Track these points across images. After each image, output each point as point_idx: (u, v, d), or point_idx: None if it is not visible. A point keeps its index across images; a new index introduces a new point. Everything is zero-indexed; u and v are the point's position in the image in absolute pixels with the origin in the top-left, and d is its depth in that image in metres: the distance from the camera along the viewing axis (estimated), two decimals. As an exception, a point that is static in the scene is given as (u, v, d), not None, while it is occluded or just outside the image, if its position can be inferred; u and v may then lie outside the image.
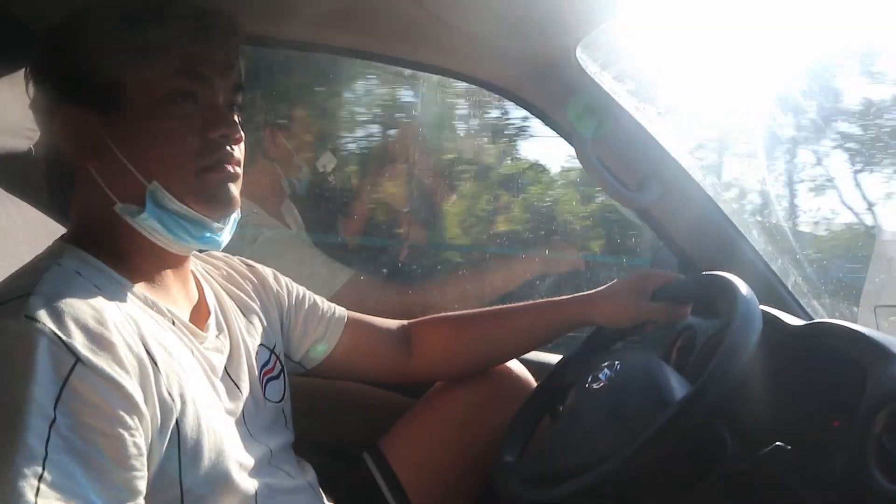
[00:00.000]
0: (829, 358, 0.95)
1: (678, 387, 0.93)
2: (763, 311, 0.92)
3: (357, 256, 2.36)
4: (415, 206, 2.58)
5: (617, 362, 1.02)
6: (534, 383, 1.27)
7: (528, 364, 1.31)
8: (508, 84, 1.32)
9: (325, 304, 1.19)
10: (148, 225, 0.83)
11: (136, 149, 0.82)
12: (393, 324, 1.24)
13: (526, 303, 1.25)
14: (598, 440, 0.92)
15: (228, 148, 0.86)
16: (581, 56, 1.22)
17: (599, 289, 1.20)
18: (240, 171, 0.88)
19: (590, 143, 1.27)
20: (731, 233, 1.31)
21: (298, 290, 1.17)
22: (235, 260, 1.12)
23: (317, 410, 1.21)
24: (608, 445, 0.87)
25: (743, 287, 0.95)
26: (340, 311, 1.19)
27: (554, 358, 1.44)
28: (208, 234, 0.87)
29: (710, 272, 1.06)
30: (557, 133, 1.34)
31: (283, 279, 1.16)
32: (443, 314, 1.28)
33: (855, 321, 0.98)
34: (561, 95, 1.28)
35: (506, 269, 2.12)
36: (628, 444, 0.83)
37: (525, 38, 1.20)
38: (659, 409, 0.86)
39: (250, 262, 1.15)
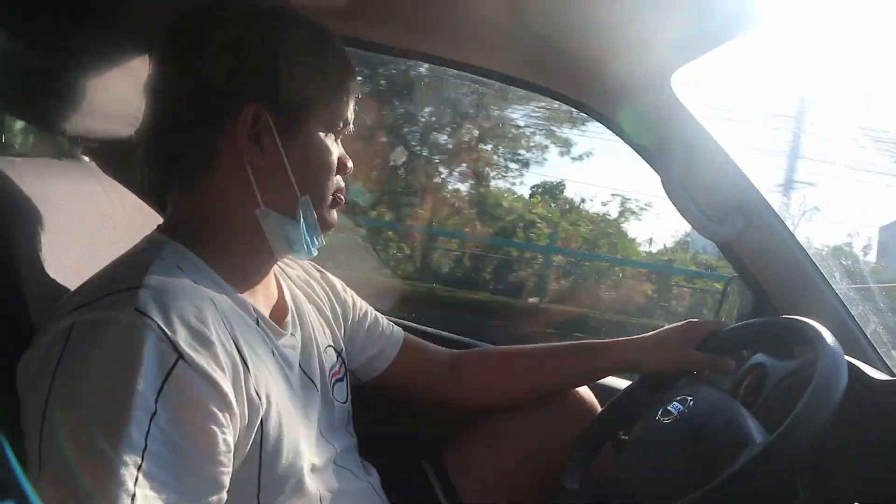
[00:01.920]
0: None
1: (755, 429, 0.92)
2: (847, 361, 0.90)
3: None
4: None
5: (689, 398, 1.01)
6: (598, 407, 1.26)
7: (592, 387, 1.30)
8: (600, 105, 1.32)
9: (384, 321, 1.23)
10: (289, 233, 0.88)
11: (299, 163, 0.87)
12: (444, 351, 1.28)
13: (574, 343, 1.28)
14: (670, 476, 0.91)
15: (343, 177, 0.96)
16: (675, 83, 1.22)
17: (647, 334, 1.22)
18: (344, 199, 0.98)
19: (676, 171, 1.26)
20: (811, 273, 1.28)
21: (362, 303, 1.21)
22: (308, 264, 1.15)
23: (380, 415, 1.23)
24: (680, 482, 0.86)
25: (828, 336, 0.93)
26: (398, 331, 1.23)
27: (619, 382, 1.44)
28: (315, 247, 0.93)
29: (792, 317, 1.04)
30: (643, 158, 1.33)
31: (350, 291, 1.20)
32: (494, 347, 1.33)
33: None
34: (652, 122, 1.27)
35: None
36: (701, 483, 0.82)
37: (622, 61, 1.19)
38: (738, 450, 0.85)
39: (321, 268, 1.18)
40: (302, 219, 0.88)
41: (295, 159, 0.87)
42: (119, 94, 1.05)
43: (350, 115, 0.94)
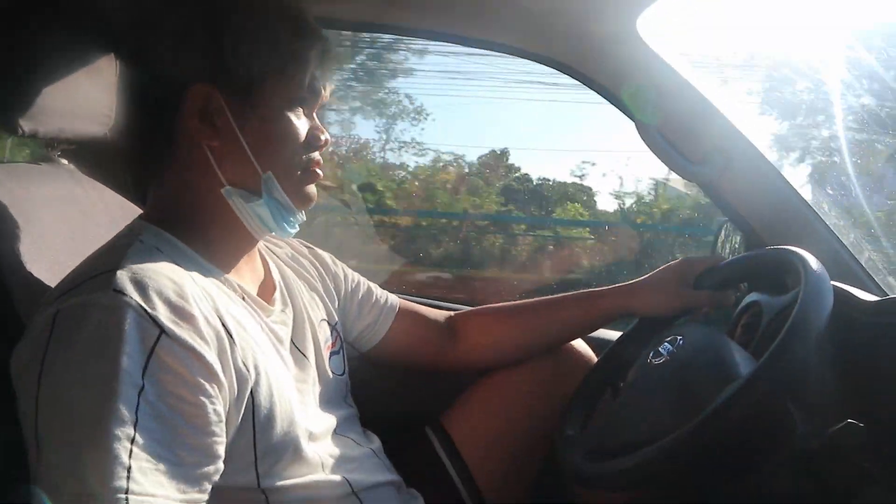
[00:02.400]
0: None
1: (743, 362, 0.92)
2: (834, 286, 0.89)
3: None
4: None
5: (679, 337, 1.01)
6: (594, 359, 1.27)
7: (588, 340, 1.31)
8: (569, 60, 1.31)
9: (378, 290, 1.23)
10: (257, 210, 0.88)
11: (258, 140, 0.87)
12: (441, 314, 1.28)
13: (567, 294, 1.27)
14: (661, 415, 0.91)
15: (320, 154, 0.94)
16: (642, 30, 1.20)
17: (641, 279, 1.22)
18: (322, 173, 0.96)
19: (650, 115, 1.25)
20: (798, 206, 1.28)
21: (354, 275, 1.21)
22: (296, 241, 1.16)
23: (379, 385, 1.24)
24: (671, 420, 0.87)
25: (812, 261, 0.93)
26: (393, 299, 1.23)
27: (613, 334, 1.43)
28: (292, 223, 0.93)
29: (776, 247, 1.04)
30: (618, 108, 1.32)
31: (340, 263, 1.21)
32: (487, 306, 1.31)
33: None
34: (622, 70, 1.26)
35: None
36: (691, 419, 0.82)
37: (585, 13, 1.18)
38: (724, 384, 0.85)
39: (308, 244, 1.19)
40: (267, 195, 0.88)
41: (253, 136, 0.87)
42: (90, 94, 1.06)
43: (318, 85, 0.93)
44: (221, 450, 0.74)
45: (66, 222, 0.99)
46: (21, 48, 0.96)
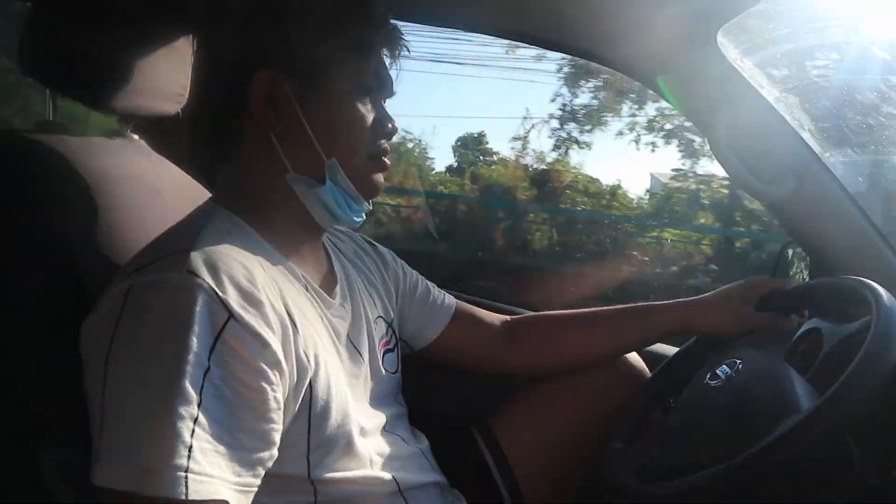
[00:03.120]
0: None
1: (804, 394, 0.90)
2: None
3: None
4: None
5: (738, 361, 0.99)
6: (647, 373, 1.25)
7: (643, 354, 1.29)
8: (646, 69, 1.29)
9: (436, 290, 1.23)
10: (322, 197, 0.89)
11: (323, 126, 0.88)
12: (498, 318, 1.27)
13: (626, 306, 1.25)
14: (714, 440, 0.90)
15: (387, 142, 0.94)
16: (722, 41, 1.18)
17: (703, 295, 1.20)
18: (388, 163, 0.96)
19: (724, 131, 1.22)
20: (871, 235, 1.24)
21: (413, 273, 1.22)
22: (359, 237, 1.17)
23: (429, 384, 1.24)
24: (725, 447, 0.85)
25: (885, 294, 0.90)
26: (450, 299, 1.23)
27: (668, 349, 1.42)
28: (358, 212, 0.93)
29: (848, 276, 1.01)
30: (691, 121, 1.30)
31: (400, 261, 1.21)
32: (547, 313, 1.31)
33: None
34: (699, 82, 1.23)
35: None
36: (746, 448, 0.81)
37: (665, 22, 1.16)
38: (783, 416, 0.83)
39: (372, 241, 1.20)
40: (330, 182, 0.89)
41: (318, 122, 0.87)
42: (165, 74, 1.08)
43: (384, 74, 0.93)
44: (278, 437, 0.75)
45: (136, 199, 1.01)
46: (103, 26, 0.98)
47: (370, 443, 0.95)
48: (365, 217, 0.96)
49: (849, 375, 0.79)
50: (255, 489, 0.73)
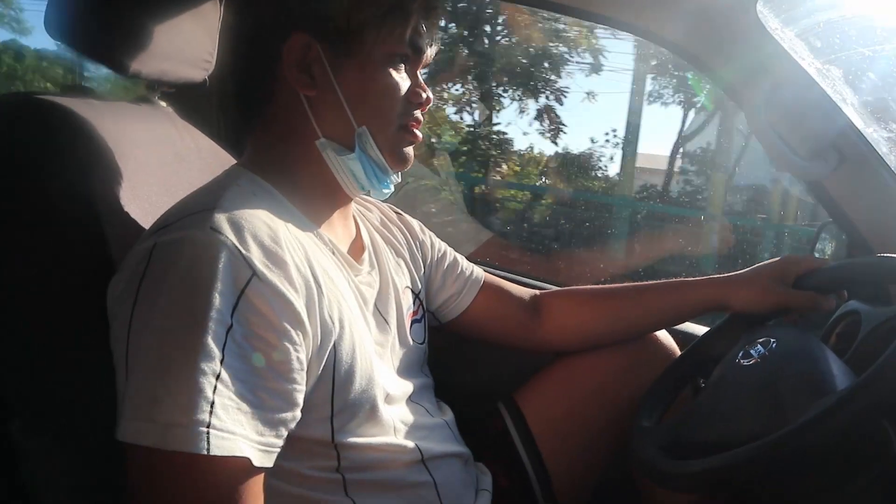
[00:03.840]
0: None
1: (840, 375, 0.87)
2: None
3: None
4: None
5: (773, 340, 0.96)
6: (678, 352, 1.23)
7: (673, 332, 1.27)
8: (683, 40, 1.25)
9: (464, 262, 1.22)
10: (349, 165, 0.88)
11: (355, 93, 0.87)
12: (526, 292, 1.25)
13: (659, 281, 1.22)
14: (745, 419, 0.88)
15: (420, 113, 0.93)
16: (762, 11, 1.14)
17: (737, 272, 1.15)
18: (420, 134, 0.94)
19: (763, 105, 1.19)
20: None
21: (441, 244, 1.21)
22: (386, 206, 1.16)
23: (456, 356, 1.23)
24: (756, 426, 0.83)
25: None
26: (478, 272, 1.22)
27: (699, 329, 1.39)
28: (386, 183, 0.93)
29: (889, 255, 0.97)
30: (728, 94, 1.26)
31: (428, 232, 1.20)
32: (576, 287, 1.28)
33: None
34: (738, 54, 1.19)
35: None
36: (779, 428, 0.78)
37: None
38: (818, 396, 0.81)
39: (399, 210, 1.18)
40: (360, 150, 0.88)
41: (350, 89, 0.86)
42: (192, 39, 1.07)
43: (421, 42, 0.91)
44: (301, 398, 0.75)
45: (161, 164, 1.01)
46: None
47: (395, 411, 0.95)
48: (393, 189, 0.95)
49: (887, 357, 0.76)
50: (278, 450, 0.73)
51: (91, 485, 0.85)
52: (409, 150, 0.94)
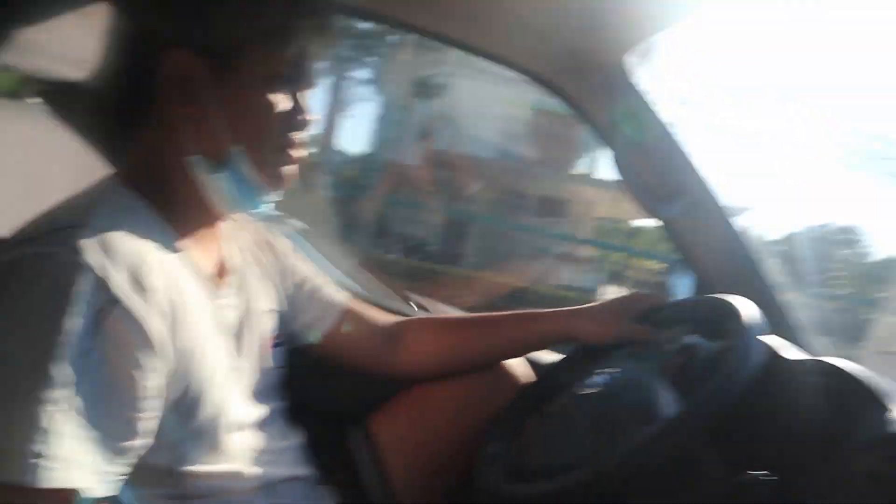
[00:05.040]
0: (826, 395, 0.95)
1: (668, 405, 0.95)
2: (767, 340, 0.93)
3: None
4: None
5: (614, 371, 1.03)
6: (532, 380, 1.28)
7: (531, 362, 1.31)
8: (553, 76, 1.31)
9: (329, 287, 1.21)
10: (222, 183, 0.86)
11: (232, 112, 0.84)
12: (389, 320, 1.26)
13: (509, 312, 1.26)
14: (581, 445, 0.93)
15: (302, 134, 0.91)
16: (630, 62, 1.22)
17: (587, 305, 1.22)
18: (300, 155, 0.93)
19: (627, 146, 1.28)
20: (747, 258, 1.31)
21: (306, 268, 1.19)
22: (261, 226, 1.14)
23: (315, 378, 1.23)
24: (591, 451, 0.89)
25: (748, 314, 0.95)
26: (341, 297, 1.21)
27: (553, 357, 1.45)
28: (257, 203, 0.91)
29: (719, 295, 1.07)
30: (594, 132, 1.34)
31: (299, 253, 1.19)
32: (433, 316, 1.31)
33: (859, 363, 0.97)
34: (603, 96, 1.27)
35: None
36: (607, 454, 0.85)
37: (577, 35, 1.19)
38: (645, 424, 0.88)
39: (272, 230, 1.17)
40: (233, 169, 0.86)
41: (228, 108, 0.84)
42: (76, 37, 1.03)
43: (306, 64, 0.89)
44: (149, 426, 0.74)
45: (26, 165, 0.97)
46: None
47: (242, 437, 0.94)
48: (267, 209, 0.93)
49: (701, 391, 0.84)
50: (122, 478, 0.71)
51: None
52: (286, 170, 0.92)
